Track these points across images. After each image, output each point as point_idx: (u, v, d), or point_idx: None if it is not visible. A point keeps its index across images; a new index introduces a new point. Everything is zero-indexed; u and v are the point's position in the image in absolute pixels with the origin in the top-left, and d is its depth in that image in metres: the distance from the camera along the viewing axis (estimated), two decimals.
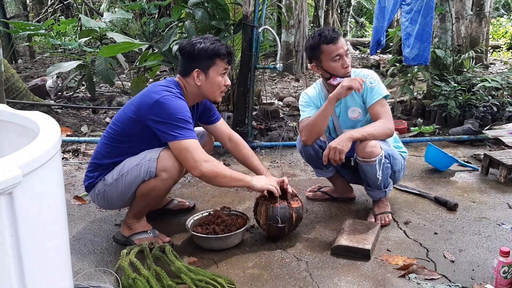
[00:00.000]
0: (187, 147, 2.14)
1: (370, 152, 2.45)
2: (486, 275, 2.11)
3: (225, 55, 2.31)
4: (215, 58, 2.29)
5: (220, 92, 2.39)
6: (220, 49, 2.30)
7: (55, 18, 10.36)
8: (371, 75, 2.62)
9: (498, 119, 4.64)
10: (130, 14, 6.22)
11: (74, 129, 4.64)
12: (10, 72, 5.07)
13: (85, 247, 2.41)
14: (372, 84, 2.58)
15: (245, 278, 2.10)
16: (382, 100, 2.56)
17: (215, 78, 2.32)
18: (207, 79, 2.32)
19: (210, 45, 2.29)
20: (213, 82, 2.33)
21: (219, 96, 2.41)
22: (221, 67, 2.32)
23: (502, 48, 11.18)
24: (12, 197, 1.04)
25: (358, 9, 16.11)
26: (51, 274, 1.25)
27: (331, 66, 2.57)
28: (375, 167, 2.48)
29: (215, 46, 2.29)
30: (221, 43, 2.33)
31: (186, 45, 2.32)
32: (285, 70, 8.43)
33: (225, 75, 2.37)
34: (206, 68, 2.30)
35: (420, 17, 4.34)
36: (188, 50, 2.30)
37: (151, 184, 2.22)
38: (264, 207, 2.38)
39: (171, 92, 2.23)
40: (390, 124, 2.52)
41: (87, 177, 2.39)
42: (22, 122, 1.52)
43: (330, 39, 2.53)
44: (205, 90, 2.35)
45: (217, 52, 2.29)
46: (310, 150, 2.71)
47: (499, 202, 2.96)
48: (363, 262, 2.24)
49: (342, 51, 2.54)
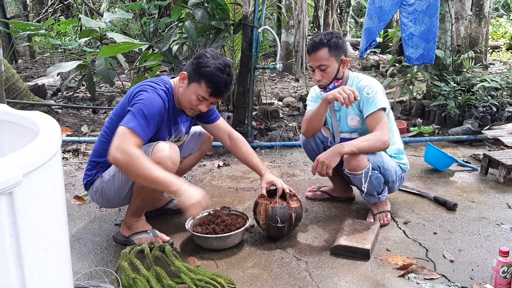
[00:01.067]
0: (121, 133, 2.04)
1: (355, 166, 2.47)
2: (485, 275, 2.11)
3: (212, 86, 2.19)
4: (203, 79, 2.19)
5: (190, 109, 2.29)
6: (214, 78, 2.18)
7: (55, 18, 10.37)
8: (369, 86, 2.54)
9: (497, 119, 4.65)
10: (130, 14, 6.22)
11: (74, 129, 4.64)
12: (10, 72, 5.07)
13: (85, 246, 2.41)
14: (368, 95, 2.51)
15: (244, 278, 2.10)
16: (378, 112, 2.49)
17: (191, 94, 2.23)
18: (186, 88, 2.25)
19: (212, 66, 2.19)
20: (187, 95, 2.24)
21: (188, 111, 2.32)
22: (201, 92, 2.21)
23: (501, 48, 11.19)
24: (12, 197, 1.04)
25: (357, 9, 16.11)
26: (51, 273, 1.25)
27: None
28: (360, 179, 2.49)
29: (213, 72, 2.18)
30: (223, 77, 2.19)
31: (201, 51, 2.29)
32: (285, 70, 8.43)
33: (203, 101, 2.25)
34: (192, 79, 2.23)
35: (426, 17, 4.33)
36: (197, 55, 2.26)
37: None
38: (263, 207, 2.38)
39: (153, 87, 2.21)
40: (384, 137, 2.45)
41: (86, 175, 2.39)
42: (22, 122, 1.52)
43: (308, 49, 2.55)
44: (180, 95, 2.29)
45: (207, 77, 2.18)
46: (312, 143, 2.78)
47: (499, 202, 2.97)
48: (363, 262, 2.24)
49: (316, 63, 2.53)
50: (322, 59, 2.52)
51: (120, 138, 2.02)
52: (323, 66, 2.52)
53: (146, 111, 2.11)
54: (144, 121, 2.10)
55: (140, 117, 2.09)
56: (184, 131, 2.50)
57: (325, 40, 2.52)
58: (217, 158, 3.88)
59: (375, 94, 2.51)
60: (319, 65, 2.53)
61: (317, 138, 2.78)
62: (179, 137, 2.49)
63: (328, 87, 2.58)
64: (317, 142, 2.79)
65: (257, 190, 3.14)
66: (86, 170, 2.40)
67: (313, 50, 2.53)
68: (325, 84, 2.58)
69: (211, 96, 2.23)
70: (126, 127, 2.05)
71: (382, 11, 4.43)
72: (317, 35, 2.59)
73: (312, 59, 2.56)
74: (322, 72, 2.54)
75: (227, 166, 3.71)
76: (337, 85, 2.58)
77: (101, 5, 9.92)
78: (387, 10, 4.43)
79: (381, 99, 2.52)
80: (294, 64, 8.30)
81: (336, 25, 13.75)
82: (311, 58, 2.56)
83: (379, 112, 2.49)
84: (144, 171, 1.99)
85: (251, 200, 2.93)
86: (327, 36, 2.54)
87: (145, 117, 2.10)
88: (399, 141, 2.75)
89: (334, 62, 2.54)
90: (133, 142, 2.03)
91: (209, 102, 2.27)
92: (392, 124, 2.70)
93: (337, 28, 13.77)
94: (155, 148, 2.19)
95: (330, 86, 2.58)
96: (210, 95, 2.22)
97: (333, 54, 2.52)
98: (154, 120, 2.15)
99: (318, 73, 2.55)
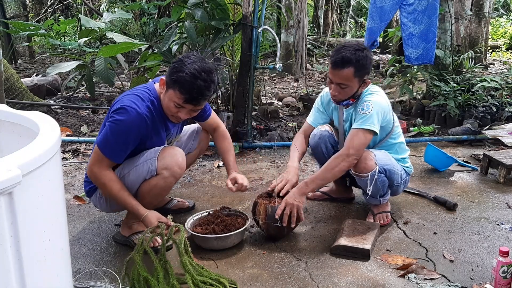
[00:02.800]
0: (95, 153, 2.16)
1: (362, 168, 2.45)
2: (485, 275, 2.11)
3: (184, 92, 2.07)
4: (177, 84, 2.08)
5: (171, 115, 2.22)
6: (186, 84, 2.06)
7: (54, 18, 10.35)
8: (369, 102, 2.42)
9: (497, 119, 4.65)
10: (129, 14, 6.21)
11: (73, 129, 4.64)
12: (9, 72, 5.07)
13: (85, 247, 2.41)
14: (362, 111, 2.41)
15: (244, 278, 2.10)
16: (360, 131, 2.38)
17: (168, 100, 2.15)
18: (164, 95, 2.18)
19: (186, 73, 2.06)
20: (166, 102, 2.18)
21: (171, 118, 2.25)
22: (176, 99, 2.11)
23: (501, 48, 11.18)
24: (12, 197, 1.04)
25: (357, 9, 16.09)
26: (51, 274, 1.25)
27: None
28: (366, 181, 2.48)
29: (185, 79, 2.05)
30: (197, 84, 2.06)
31: (188, 54, 2.21)
32: (285, 70, 8.42)
33: (181, 109, 2.15)
34: (168, 85, 2.14)
35: (425, 17, 4.33)
36: (176, 60, 2.17)
37: (153, 183, 2.22)
38: (263, 206, 2.38)
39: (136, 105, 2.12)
40: (348, 151, 2.36)
41: (87, 183, 2.38)
42: (21, 122, 1.52)
43: (333, 61, 2.38)
44: (162, 102, 2.22)
45: (180, 82, 2.07)
46: (322, 146, 2.71)
47: (498, 202, 2.96)
48: (363, 262, 2.24)
49: (337, 80, 2.39)
50: (344, 79, 2.38)
51: (93, 159, 2.17)
52: (344, 85, 2.40)
53: (121, 132, 2.10)
54: (115, 144, 2.12)
55: (113, 137, 2.11)
56: (175, 133, 2.49)
57: (354, 59, 2.34)
58: (217, 158, 3.87)
59: (369, 112, 2.39)
60: (339, 82, 2.40)
61: (328, 142, 2.70)
62: (170, 140, 2.48)
63: (342, 103, 2.52)
64: (328, 147, 2.70)
65: (257, 190, 3.14)
66: (85, 177, 2.39)
67: (338, 66, 2.36)
68: (339, 100, 2.49)
69: (185, 103, 2.11)
70: (98, 147, 2.14)
71: (383, 11, 4.43)
72: (346, 48, 2.39)
73: (334, 74, 2.40)
74: (340, 89, 2.42)
75: None
76: (351, 103, 2.52)
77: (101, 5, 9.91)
78: (387, 10, 4.43)
79: (371, 120, 2.38)
80: (294, 64, 8.30)
81: (336, 25, 13.75)
82: (334, 72, 2.39)
83: (362, 131, 2.38)
84: (112, 196, 2.19)
85: (250, 200, 2.92)
86: (357, 55, 2.35)
87: (118, 137, 2.11)
88: (405, 150, 2.74)
89: (356, 83, 2.41)
90: (105, 164, 2.16)
91: (188, 110, 2.17)
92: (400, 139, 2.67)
93: (337, 28, 13.77)
94: (161, 154, 2.20)
95: (344, 102, 2.51)
96: (184, 102, 2.11)
97: (357, 75, 2.38)
98: (129, 141, 2.14)
99: (336, 89, 2.43)
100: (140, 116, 2.12)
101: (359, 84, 2.43)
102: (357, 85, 2.43)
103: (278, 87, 7.66)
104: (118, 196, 2.17)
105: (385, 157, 2.54)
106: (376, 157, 2.47)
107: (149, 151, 2.24)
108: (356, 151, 2.38)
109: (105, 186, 2.16)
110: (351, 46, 2.42)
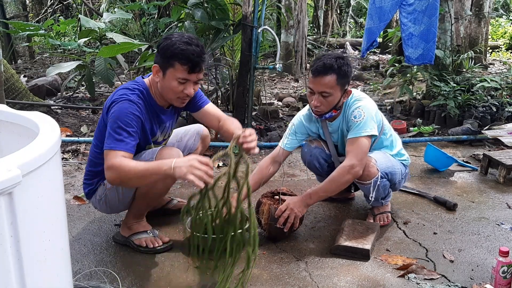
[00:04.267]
0: (106, 156, 2.06)
1: (365, 175, 2.44)
2: (485, 275, 2.11)
3: (185, 61, 2.06)
4: (174, 59, 2.07)
5: (177, 98, 2.18)
6: (183, 53, 2.05)
7: (54, 19, 10.35)
8: (359, 109, 2.39)
9: (497, 119, 4.65)
10: (129, 14, 6.20)
11: (73, 129, 4.64)
12: (9, 72, 5.06)
13: (85, 247, 2.41)
14: (355, 119, 2.38)
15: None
16: (359, 139, 2.36)
17: (170, 81, 2.11)
18: (164, 80, 2.14)
19: (177, 43, 2.06)
20: (168, 85, 2.13)
21: (176, 101, 2.21)
22: (179, 73, 2.08)
23: (501, 48, 11.18)
24: (12, 197, 1.04)
25: (357, 9, 16.10)
26: (50, 274, 1.25)
27: None
28: (369, 188, 2.48)
29: (179, 47, 2.05)
30: (191, 48, 2.06)
31: (163, 37, 2.17)
32: (285, 71, 8.42)
33: (186, 84, 2.12)
34: (165, 67, 2.11)
35: (425, 17, 4.33)
36: (160, 43, 2.15)
37: (150, 184, 2.21)
38: (267, 207, 2.38)
39: (124, 95, 2.12)
40: (352, 162, 2.33)
41: (86, 184, 2.37)
42: (21, 122, 1.52)
43: (315, 70, 2.34)
44: (161, 90, 2.19)
45: (176, 54, 2.05)
46: (315, 163, 2.69)
47: (498, 202, 2.96)
48: (363, 262, 2.24)
49: (319, 88, 2.34)
50: (327, 86, 2.33)
51: (107, 161, 2.05)
52: (326, 93, 2.34)
53: (120, 123, 2.06)
54: (120, 135, 2.06)
55: (116, 133, 2.06)
56: (169, 127, 2.45)
57: (336, 66, 2.31)
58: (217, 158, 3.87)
59: (362, 118, 2.37)
60: (322, 91, 2.34)
61: (320, 158, 2.66)
62: (165, 134, 2.44)
63: (324, 115, 2.47)
64: (321, 162, 2.68)
65: (258, 191, 3.13)
66: (84, 179, 2.39)
67: (320, 73, 2.32)
68: (322, 112, 2.43)
69: (190, 73, 2.09)
70: (108, 149, 2.05)
71: (383, 11, 4.43)
72: (326, 56, 2.36)
73: (315, 83, 2.35)
74: (322, 98, 2.36)
75: (227, 166, 3.70)
76: (334, 114, 2.48)
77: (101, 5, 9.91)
78: (387, 10, 4.43)
79: (366, 125, 2.36)
80: (294, 64, 8.29)
81: (335, 25, 13.76)
82: (315, 81, 2.34)
83: (360, 139, 2.36)
84: (135, 172, 1.97)
85: (255, 198, 2.92)
86: (339, 62, 2.33)
87: (120, 129, 2.06)
88: (399, 143, 2.72)
89: (338, 91, 2.36)
90: (120, 156, 2.02)
91: (193, 82, 2.14)
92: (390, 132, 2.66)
93: (337, 28, 13.77)
94: (158, 155, 2.16)
95: (327, 115, 2.46)
96: (189, 73, 2.09)
97: (339, 82, 2.34)
98: (132, 126, 2.09)
99: (317, 99, 2.37)
100: (131, 102, 2.12)
101: (341, 93, 2.39)
102: (339, 94, 2.38)
103: (278, 87, 7.66)
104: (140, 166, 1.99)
105: (385, 159, 2.53)
106: (377, 163, 2.46)
107: (146, 152, 2.22)
108: (360, 161, 2.36)
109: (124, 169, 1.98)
110: (331, 54, 2.40)
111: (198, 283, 2.07)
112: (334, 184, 2.39)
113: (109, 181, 2.08)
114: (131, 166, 1.98)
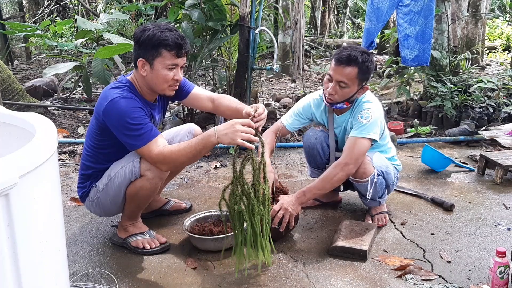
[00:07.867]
0: (143, 154, 2.10)
1: (362, 173, 2.45)
2: (482, 276, 2.12)
3: (172, 47, 2.08)
4: (161, 48, 2.08)
5: (169, 86, 2.19)
6: (166, 39, 2.07)
7: (51, 19, 10.32)
8: (368, 111, 2.42)
9: (494, 120, 4.66)
10: (126, 15, 6.20)
11: (70, 131, 4.63)
12: (6, 73, 5.05)
13: (82, 248, 2.40)
14: (362, 119, 2.40)
15: (242, 280, 2.10)
16: (360, 139, 2.38)
17: (160, 70, 2.12)
18: (153, 71, 2.13)
19: (158, 33, 2.08)
20: (158, 75, 2.13)
21: (168, 90, 2.21)
22: (168, 60, 2.11)
23: (498, 49, 11.21)
24: (9, 198, 1.04)
25: (354, 10, 16.14)
26: (47, 275, 1.25)
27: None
28: (366, 186, 2.48)
29: (162, 35, 2.07)
30: (173, 33, 2.10)
31: (137, 31, 2.15)
32: (282, 71, 8.42)
33: (175, 69, 2.15)
34: (151, 58, 2.11)
35: (421, 18, 4.33)
36: (137, 36, 2.13)
37: (138, 185, 2.19)
38: None
39: (117, 93, 2.11)
40: (347, 165, 2.35)
41: (80, 188, 2.37)
42: (18, 123, 1.51)
43: (339, 58, 2.34)
44: (151, 82, 2.17)
45: (162, 42, 2.07)
46: (318, 148, 2.69)
47: (495, 202, 2.97)
48: (360, 263, 2.24)
49: (339, 77, 2.35)
50: (347, 77, 2.34)
51: (148, 159, 2.11)
52: (344, 84, 2.36)
53: (129, 119, 2.05)
54: (138, 130, 2.06)
55: (133, 130, 2.06)
56: (159, 121, 2.45)
57: (360, 60, 2.32)
58: (214, 159, 3.87)
59: (369, 121, 2.39)
60: (340, 80, 2.35)
61: (324, 142, 2.67)
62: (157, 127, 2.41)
63: (335, 105, 2.48)
64: (324, 147, 2.68)
65: None
66: (78, 183, 2.38)
67: (342, 63, 2.33)
68: (334, 101, 2.44)
69: (178, 57, 2.12)
70: (139, 149, 2.08)
71: (380, 12, 4.43)
72: (353, 48, 2.37)
73: (336, 71, 2.36)
74: (339, 88, 2.37)
75: (224, 167, 3.71)
76: (345, 106, 2.49)
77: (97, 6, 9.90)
78: (384, 11, 4.43)
79: (371, 128, 2.39)
80: (291, 65, 8.29)
81: (333, 26, 13.77)
82: (336, 69, 2.35)
83: (362, 140, 2.38)
84: (182, 155, 2.05)
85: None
86: (364, 57, 2.34)
87: (133, 125, 2.05)
88: (393, 151, 2.74)
89: (355, 85, 2.38)
90: (153, 146, 2.07)
91: (180, 66, 2.17)
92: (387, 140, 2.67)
93: (334, 29, 13.79)
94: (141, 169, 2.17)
95: (338, 105, 2.48)
96: (177, 56, 2.12)
97: (359, 77, 2.36)
98: (139, 116, 2.09)
99: (334, 87, 2.38)
100: (127, 98, 2.11)
101: (358, 87, 2.41)
102: (356, 88, 2.40)
103: (275, 88, 7.66)
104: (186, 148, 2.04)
105: (380, 159, 2.55)
106: (373, 161, 2.48)
107: (134, 153, 2.18)
108: (355, 161, 2.38)
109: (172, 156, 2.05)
110: (358, 48, 2.41)
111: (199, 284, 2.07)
112: (328, 181, 2.40)
113: (164, 171, 2.17)
114: (173, 151, 2.06)
